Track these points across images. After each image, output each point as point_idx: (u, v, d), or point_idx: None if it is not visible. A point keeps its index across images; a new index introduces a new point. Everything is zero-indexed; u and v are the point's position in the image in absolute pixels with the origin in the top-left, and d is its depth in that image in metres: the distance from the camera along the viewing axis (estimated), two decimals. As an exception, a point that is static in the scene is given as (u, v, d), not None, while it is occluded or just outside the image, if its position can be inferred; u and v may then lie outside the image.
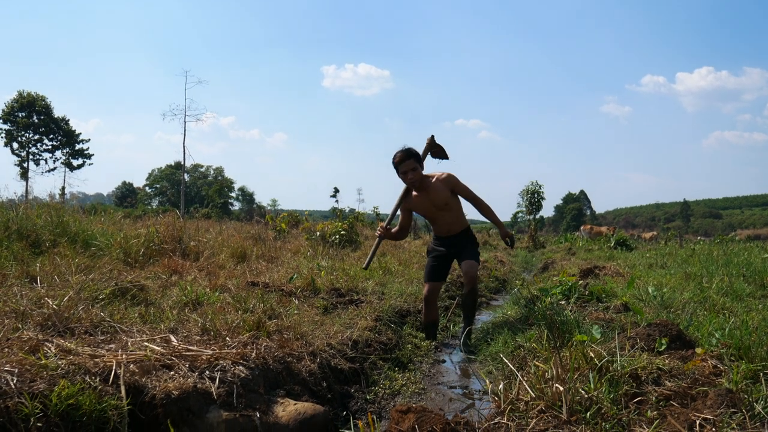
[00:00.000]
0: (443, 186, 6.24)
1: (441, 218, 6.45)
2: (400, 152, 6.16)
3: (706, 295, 6.43)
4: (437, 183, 6.24)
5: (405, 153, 6.13)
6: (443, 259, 6.58)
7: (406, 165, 6.13)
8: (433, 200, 6.29)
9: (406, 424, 2.17)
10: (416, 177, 6.16)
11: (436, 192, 6.24)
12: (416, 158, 6.16)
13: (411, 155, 6.14)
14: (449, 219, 6.45)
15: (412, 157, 6.13)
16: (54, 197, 10.99)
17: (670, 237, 32.59)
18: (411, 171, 6.13)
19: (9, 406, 2.60)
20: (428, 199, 6.32)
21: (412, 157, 6.13)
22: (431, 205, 6.34)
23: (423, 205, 6.40)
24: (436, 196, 6.26)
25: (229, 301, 5.30)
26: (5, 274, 5.24)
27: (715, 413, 2.53)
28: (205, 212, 37.67)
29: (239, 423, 3.20)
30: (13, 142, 61.05)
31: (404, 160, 6.12)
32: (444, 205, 6.32)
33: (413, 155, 6.15)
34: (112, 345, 3.56)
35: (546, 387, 2.83)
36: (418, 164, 6.16)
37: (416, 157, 6.17)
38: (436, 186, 6.24)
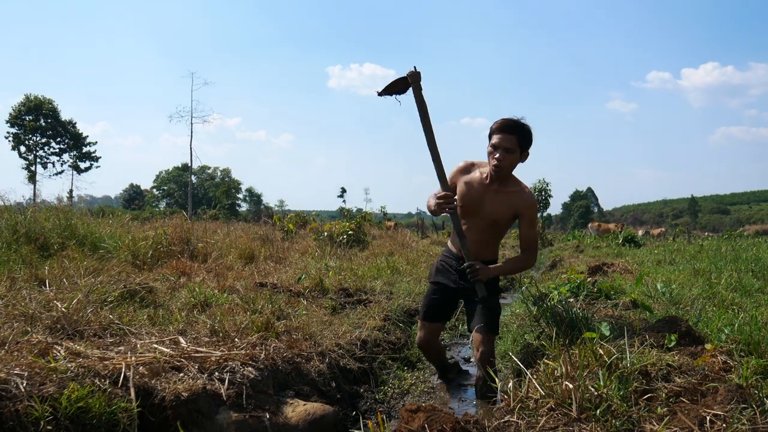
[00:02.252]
0: (516, 204, 4.43)
1: (476, 228, 4.56)
2: (504, 119, 4.29)
3: (715, 291, 6.41)
4: (515, 194, 4.42)
5: (509, 123, 4.25)
6: (450, 293, 4.74)
7: (502, 139, 4.25)
8: (490, 204, 4.46)
9: (416, 424, 2.17)
10: (506, 162, 4.29)
11: (503, 200, 4.44)
12: (521, 137, 4.27)
13: (514, 129, 4.24)
14: (484, 237, 4.59)
15: (516, 133, 4.25)
16: (62, 200, 11.06)
17: (678, 233, 32.50)
18: (504, 150, 4.25)
19: (19, 409, 2.61)
20: (485, 197, 4.47)
21: (514, 133, 4.24)
22: (480, 205, 4.49)
23: (474, 194, 4.50)
24: (498, 204, 4.45)
25: (238, 302, 5.31)
26: (14, 277, 5.26)
27: (725, 409, 2.52)
28: (213, 214, 37.76)
29: (249, 424, 3.21)
30: (21, 145, 61.31)
31: (504, 131, 4.26)
32: (492, 221, 4.51)
33: (517, 131, 4.24)
34: (122, 347, 3.57)
35: (555, 385, 2.82)
36: (518, 146, 4.28)
37: (522, 135, 4.27)
38: (512, 195, 4.43)
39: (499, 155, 4.26)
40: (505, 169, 4.32)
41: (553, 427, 2.50)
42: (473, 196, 4.49)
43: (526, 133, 4.30)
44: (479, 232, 4.55)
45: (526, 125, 4.29)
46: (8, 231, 7.16)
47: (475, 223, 4.54)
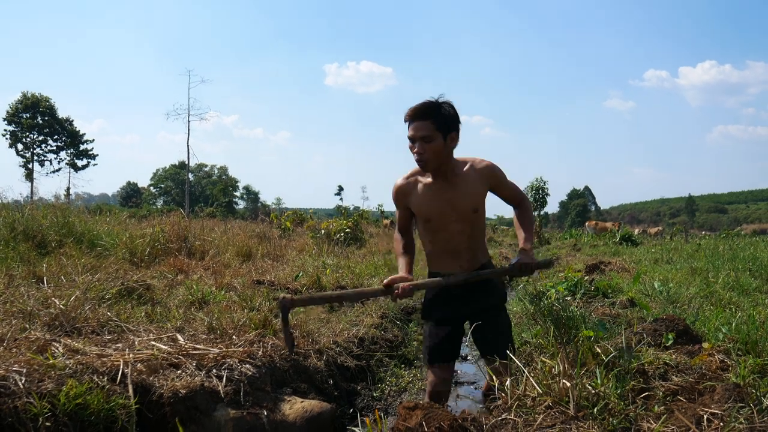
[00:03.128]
0: (479, 179, 3.71)
1: (457, 234, 3.76)
2: (413, 106, 3.55)
3: (713, 290, 6.42)
4: (470, 172, 3.70)
5: (420, 108, 3.51)
6: (455, 323, 3.85)
7: (416, 128, 3.52)
8: (457, 198, 3.70)
9: (414, 421, 2.17)
10: (428, 154, 3.53)
11: (465, 185, 3.70)
12: (436, 120, 3.49)
13: (427, 113, 3.49)
14: (469, 237, 3.79)
15: (430, 118, 3.49)
16: (59, 198, 11.02)
17: (676, 232, 32.55)
18: (422, 140, 3.51)
19: (18, 406, 2.61)
20: (442, 197, 3.71)
21: (428, 118, 3.49)
22: (448, 206, 3.70)
23: (434, 201, 3.72)
24: (464, 191, 3.69)
25: (235, 299, 5.31)
26: (12, 274, 5.26)
27: (722, 408, 2.52)
28: (210, 211, 37.73)
29: (247, 421, 3.21)
30: (18, 143, 61.18)
31: (416, 118, 3.53)
32: (471, 212, 3.73)
33: (431, 114, 3.49)
34: (120, 344, 3.58)
35: (553, 383, 2.83)
36: (437, 132, 3.50)
37: (436, 118, 3.49)
38: (468, 176, 3.70)
39: (417, 147, 3.53)
40: (432, 161, 3.56)
41: (551, 425, 2.50)
42: (431, 205, 3.75)
43: (443, 114, 3.51)
44: (467, 231, 3.77)
45: (443, 104, 3.53)
46: (6, 228, 7.16)
47: (457, 228, 3.75)
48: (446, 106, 3.57)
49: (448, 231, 3.79)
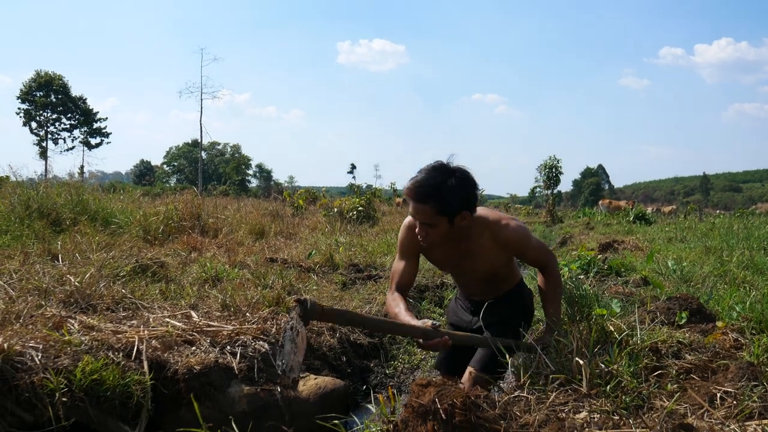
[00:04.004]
0: (498, 248, 3.22)
1: (472, 282, 3.53)
2: (412, 181, 2.98)
3: (727, 269, 6.39)
4: (488, 241, 3.19)
5: (417, 190, 2.94)
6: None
7: (415, 210, 3.01)
8: (470, 264, 3.33)
9: (427, 398, 2.18)
10: (432, 237, 3.07)
11: (480, 254, 3.24)
12: (437, 204, 2.92)
13: (426, 196, 2.93)
14: (486, 285, 3.49)
15: (429, 202, 2.92)
16: (73, 176, 11.10)
17: (690, 211, 32.33)
18: (423, 225, 3.03)
19: (35, 381, 2.64)
20: (454, 255, 3.31)
21: (428, 201, 2.93)
22: (457, 264, 3.40)
23: (446, 260, 3.42)
24: (479, 260, 3.28)
25: (249, 277, 5.33)
26: (27, 252, 5.30)
27: (735, 386, 2.52)
28: (223, 189, 37.79)
29: (260, 397, 3.24)
30: (32, 121, 61.39)
31: (414, 199, 2.98)
32: (486, 273, 3.37)
33: (430, 197, 2.92)
34: (134, 321, 3.60)
35: (566, 361, 2.83)
36: (440, 216, 2.96)
37: (437, 201, 2.91)
38: (485, 245, 3.21)
39: (419, 230, 3.07)
40: (439, 241, 3.12)
41: (563, 402, 2.51)
42: (442, 262, 3.46)
43: (443, 197, 2.92)
44: (478, 282, 3.50)
45: (445, 183, 2.91)
46: (21, 206, 7.20)
47: (468, 277, 3.51)
48: (452, 182, 2.92)
49: (465, 279, 3.59)
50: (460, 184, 2.93)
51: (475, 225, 3.14)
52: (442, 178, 2.91)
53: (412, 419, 2.20)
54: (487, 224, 3.17)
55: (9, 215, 6.97)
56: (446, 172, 2.92)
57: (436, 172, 2.93)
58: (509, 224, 3.18)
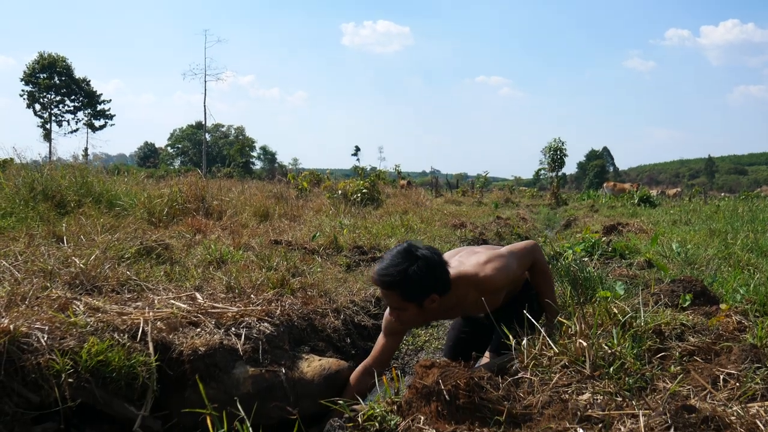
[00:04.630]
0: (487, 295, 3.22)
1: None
2: (375, 270, 3.07)
3: (731, 252, 6.38)
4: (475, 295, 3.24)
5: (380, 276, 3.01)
6: (481, 329, 3.71)
7: (385, 296, 3.14)
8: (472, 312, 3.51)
9: (430, 379, 2.19)
10: (404, 320, 3.21)
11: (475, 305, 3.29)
12: (404, 291, 2.99)
13: (392, 286, 2.99)
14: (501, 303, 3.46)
15: (393, 289, 2.99)
16: (77, 158, 11.06)
17: (695, 193, 32.28)
18: (396, 309, 3.14)
19: (41, 362, 2.66)
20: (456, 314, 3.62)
21: (392, 289, 3.00)
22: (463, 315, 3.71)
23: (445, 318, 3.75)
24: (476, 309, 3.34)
25: (253, 259, 5.34)
26: (32, 234, 5.31)
27: (739, 368, 2.53)
28: (227, 172, 37.83)
29: (265, 378, 3.25)
30: (36, 103, 61.36)
31: (379, 286, 3.08)
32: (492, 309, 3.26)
33: (396, 286, 2.98)
34: (139, 303, 3.61)
35: (569, 343, 2.84)
36: (407, 302, 3.04)
37: (403, 289, 2.98)
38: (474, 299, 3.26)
39: (390, 313, 3.21)
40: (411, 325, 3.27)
41: (567, 383, 2.52)
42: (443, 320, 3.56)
43: (407, 285, 2.95)
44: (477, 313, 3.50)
45: (406, 271, 2.93)
46: (25, 189, 7.21)
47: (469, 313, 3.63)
48: (414, 269, 2.92)
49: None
50: (423, 271, 2.93)
51: (458, 288, 3.17)
52: (404, 265, 2.93)
53: (416, 400, 2.21)
54: (468, 282, 3.20)
55: (13, 197, 6.98)
56: (410, 258, 2.95)
57: (399, 258, 2.97)
58: (488, 274, 3.19)
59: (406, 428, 2.11)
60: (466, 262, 3.26)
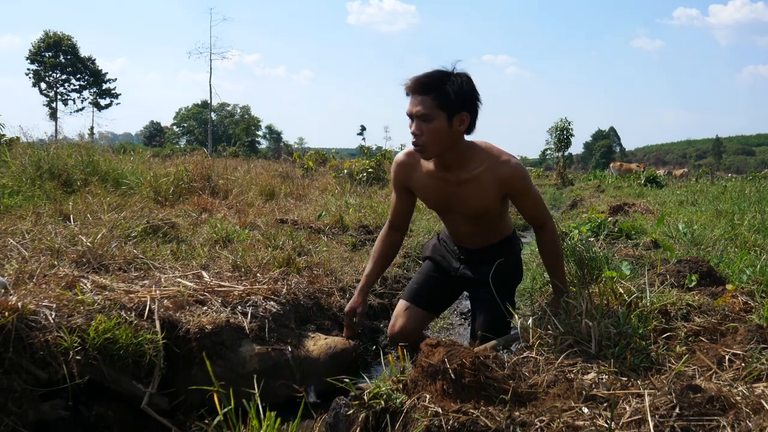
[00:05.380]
0: (494, 184, 3.03)
1: (463, 224, 3.35)
2: (413, 77, 2.88)
3: (738, 232, 6.36)
4: (485, 173, 3.02)
5: (421, 80, 2.85)
6: (451, 280, 3.52)
7: (414, 103, 2.89)
8: (461, 199, 3.15)
9: (436, 358, 2.20)
10: (426, 137, 2.89)
11: (474, 187, 3.06)
12: (439, 95, 2.83)
13: (428, 86, 2.84)
14: (476, 230, 3.36)
15: (431, 92, 2.83)
16: (83, 137, 11.10)
17: (702, 174, 32.17)
18: (419, 119, 2.88)
19: (49, 339, 2.68)
20: (446, 191, 3.16)
21: (429, 92, 2.83)
22: (447, 202, 3.23)
23: (435, 194, 3.23)
24: (470, 195, 3.10)
25: (259, 238, 5.35)
26: (39, 212, 5.33)
27: (744, 348, 2.52)
28: (233, 151, 37.79)
29: (271, 357, 3.27)
30: (41, 82, 61.35)
31: (415, 91, 2.88)
32: (476, 215, 3.22)
33: (433, 87, 2.83)
34: (146, 281, 3.63)
35: (575, 322, 2.84)
36: (439, 110, 2.84)
37: (439, 92, 2.82)
38: (480, 178, 3.03)
39: (414, 127, 2.90)
40: (430, 146, 2.91)
41: (572, 363, 2.52)
42: (431, 197, 3.25)
43: (447, 89, 2.82)
44: (468, 224, 3.31)
45: (454, 76, 2.85)
46: (32, 167, 7.23)
47: (458, 219, 3.32)
48: (457, 79, 2.85)
49: (454, 221, 3.39)
50: (463, 83, 2.86)
51: (473, 153, 3.03)
52: (444, 73, 2.86)
53: (422, 379, 2.22)
54: (487, 156, 3.03)
55: (20, 176, 7.00)
56: (453, 72, 2.88)
57: (438, 71, 2.88)
58: (510, 160, 3.02)
59: (412, 406, 2.12)
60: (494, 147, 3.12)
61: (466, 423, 1.95)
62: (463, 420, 1.96)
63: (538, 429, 1.90)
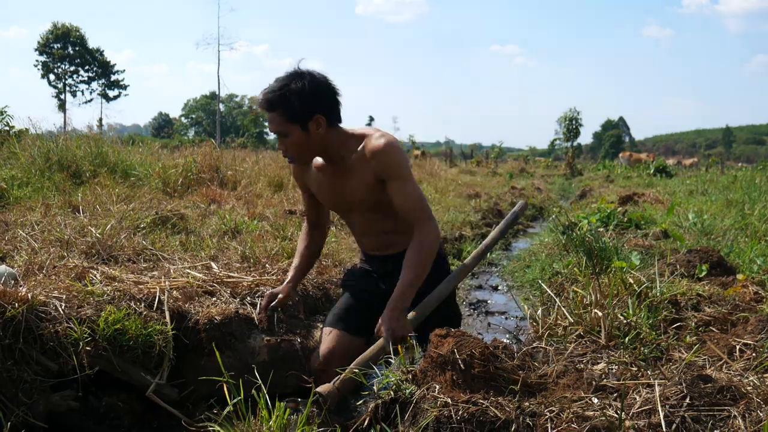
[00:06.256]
0: (368, 165, 2.80)
1: (362, 225, 3.12)
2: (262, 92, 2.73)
3: (748, 222, 6.33)
4: (361, 156, 2.81)
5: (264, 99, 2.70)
6: (370, 297, 3.11)
7: (270, 121, 2.75)
8: (346, 189, 2.94)
9: (445, 348, 2.19)
10: (290, 150, 2.81)
11: (355, 173, 2.86)
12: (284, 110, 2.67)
13: (273, 105, 2.68)
14: (378, 230, 3.07)
15: (276, 109, 2.69)
16: (92, 128, 11.06)
17: (711, 164, 31.97)
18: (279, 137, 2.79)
19: (59, 330, 2.69)
20: (337, 183, 2.97)
21: (274, 109, 2.69)
22: (340, 197, 3.02)
23: (325, 190, 3.07)
24: (353, 181, 2.89)
25: (268, 229, 5.35)
26: (48, 204, 5.34)
27: (755, 338, 2.52)
28: (241, 142, 37.73)
29: (280, 347, 3.27)
30: (50, 73, 61.50)
31: (263, 108, 2.74)
32: (369, 209, 2.97)
33: (276, 104, 2.68)
34: (155, 272, 3.64)
35: (584, 313, 2.84)
36: (289, 123, 2.70)
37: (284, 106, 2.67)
38: (359, 161, 2.83)
39: (279, 144, 2.82)
40: (299, 157, 2.85)
41: (582, 353, 2.52)
42: (322, 194, 3.09)
43: (291, 101, 2.65)
44: (368, 223, 3.07)
45: (289, 86, 2.65)
46: (41, 159, 7.25)
47: (357, 219, 3.10)
48: (298, 84, 2.65)
49: (355, 225, 3.17)
50: (307, 86, 2.65)
51: (352, 142, 2.84)
52: (287, 81, 2.67)
53: (431, 369, 2.22)
54: (363, 137, 2.83)
55: (29, 167, 7.02)
56: (294, 76, 2.69)
57: (283, 79, 2.70)
58: (383, 136, 2.79)
59: (421, 397, 2.12)
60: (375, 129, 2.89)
61: (476, 413, 1.95)
62: (472, 410, 1.95)
63: (548, 419, 1.90)
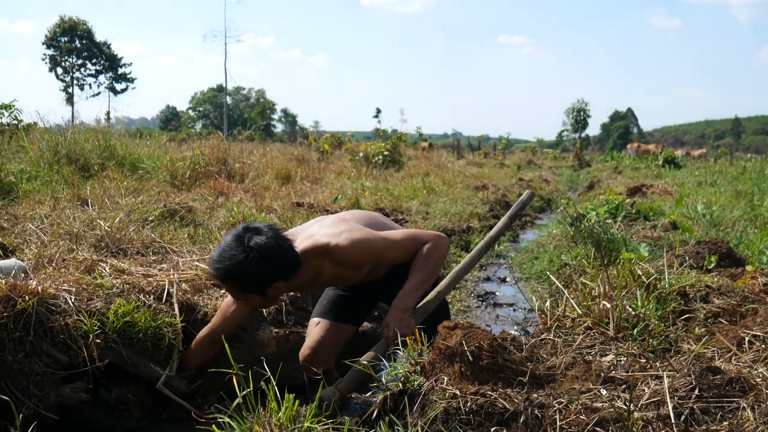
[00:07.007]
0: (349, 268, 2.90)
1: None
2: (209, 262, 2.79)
3: (757, 213, 6.31)
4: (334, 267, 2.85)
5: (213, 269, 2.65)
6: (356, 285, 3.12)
7: (226, 288, 2.87)
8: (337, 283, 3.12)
9: (454, 340, 2.20)
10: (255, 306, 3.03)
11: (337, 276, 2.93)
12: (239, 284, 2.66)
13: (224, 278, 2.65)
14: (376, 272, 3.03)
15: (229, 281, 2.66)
16: (100, 122, 11.12)
17: (720, 155, 31.82)
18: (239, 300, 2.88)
19: (69, 323, 2.70)
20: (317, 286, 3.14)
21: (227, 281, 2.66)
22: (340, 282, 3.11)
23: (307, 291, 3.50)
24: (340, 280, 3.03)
25: (276, 221, 5.36)
26: (57, 197, 5.36)
27: (764, 330, 2.51)
28: (248, 134, 37.76)
29: (289, 339, 3.28)
30: (57, 67, 61.51)
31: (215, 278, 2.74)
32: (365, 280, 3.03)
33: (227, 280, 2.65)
34: (164, 265, 3.65)
35: (593, 304, 2.83)
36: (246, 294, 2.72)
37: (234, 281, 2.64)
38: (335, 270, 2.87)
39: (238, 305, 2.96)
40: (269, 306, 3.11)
41: (590, 345, 2.52)
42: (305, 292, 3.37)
43: (243, 278, 2.61)
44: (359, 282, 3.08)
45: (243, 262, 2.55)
46: (50, 152, 7.27)
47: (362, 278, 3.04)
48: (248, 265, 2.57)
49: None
50: (258, 262, 2.57)
51: (311, 261, 2.79)
52: (237, 257, 2.57)
53: (440, 361, 2.22)
54: (320, 253, 2.79)
55: (38, 161, 7.05)
56: (243, 249, 2.58)
57: (231, 248, 2.59)
58: (340, 244, 2.75)
59: (430, 388, 2.12)
60: (320, 232, 2.85)
61: (484, 405, 1.95)
62: (481, 402, 1.96)
63: (557, 411, 1.90)
